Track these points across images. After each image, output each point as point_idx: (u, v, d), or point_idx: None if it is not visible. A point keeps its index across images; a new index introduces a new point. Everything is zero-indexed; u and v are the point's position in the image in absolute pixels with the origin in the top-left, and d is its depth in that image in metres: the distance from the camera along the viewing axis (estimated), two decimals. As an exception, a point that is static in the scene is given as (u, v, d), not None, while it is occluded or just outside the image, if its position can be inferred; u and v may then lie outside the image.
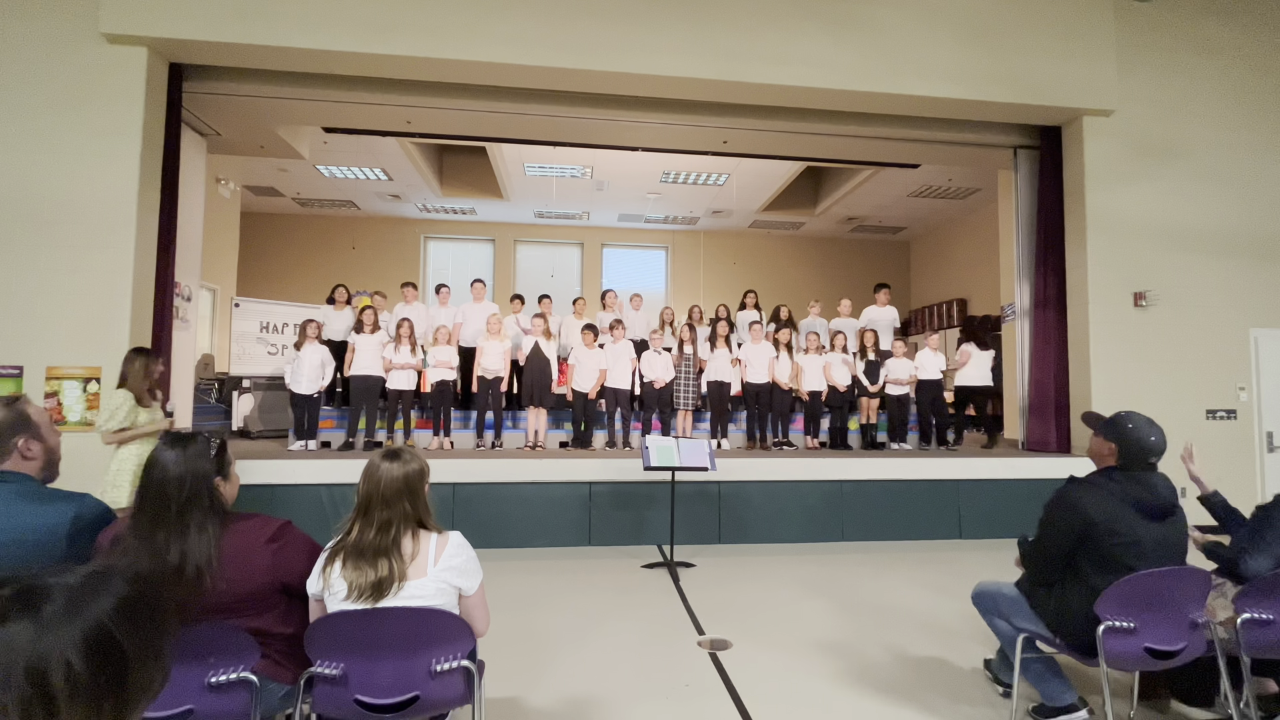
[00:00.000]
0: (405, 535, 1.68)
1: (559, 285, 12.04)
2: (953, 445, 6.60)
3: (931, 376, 6.68)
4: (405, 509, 1.69)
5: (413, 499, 1.71)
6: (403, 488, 1.70)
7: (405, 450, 1.79)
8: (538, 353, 6.31)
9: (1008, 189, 7.39)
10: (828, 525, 5.37)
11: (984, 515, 5.53)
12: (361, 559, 1.63)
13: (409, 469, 1.73)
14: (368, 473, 1.71)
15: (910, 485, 5.52)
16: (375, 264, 11.85)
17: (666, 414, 6.53)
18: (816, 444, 6.72)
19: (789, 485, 5.38)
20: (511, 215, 11.93)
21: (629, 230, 12.74)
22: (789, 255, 13.08)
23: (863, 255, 13.20)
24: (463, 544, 1.75)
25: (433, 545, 1.70)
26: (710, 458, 4.44)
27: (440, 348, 6.31)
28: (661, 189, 10.39)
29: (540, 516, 5.08)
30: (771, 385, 6.63)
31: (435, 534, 1.72)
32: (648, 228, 12.69)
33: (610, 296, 7.53)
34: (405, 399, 6.20)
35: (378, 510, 1.67)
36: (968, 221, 11.51)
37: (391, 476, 1.70)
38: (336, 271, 11.53)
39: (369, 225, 12.04)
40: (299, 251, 11.80)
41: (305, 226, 11.85)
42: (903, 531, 5.42)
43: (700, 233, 12.87)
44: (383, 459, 1.73)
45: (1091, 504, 2.13)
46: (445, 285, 7.30)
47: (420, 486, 1.74)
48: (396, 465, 1.72)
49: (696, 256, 12.89)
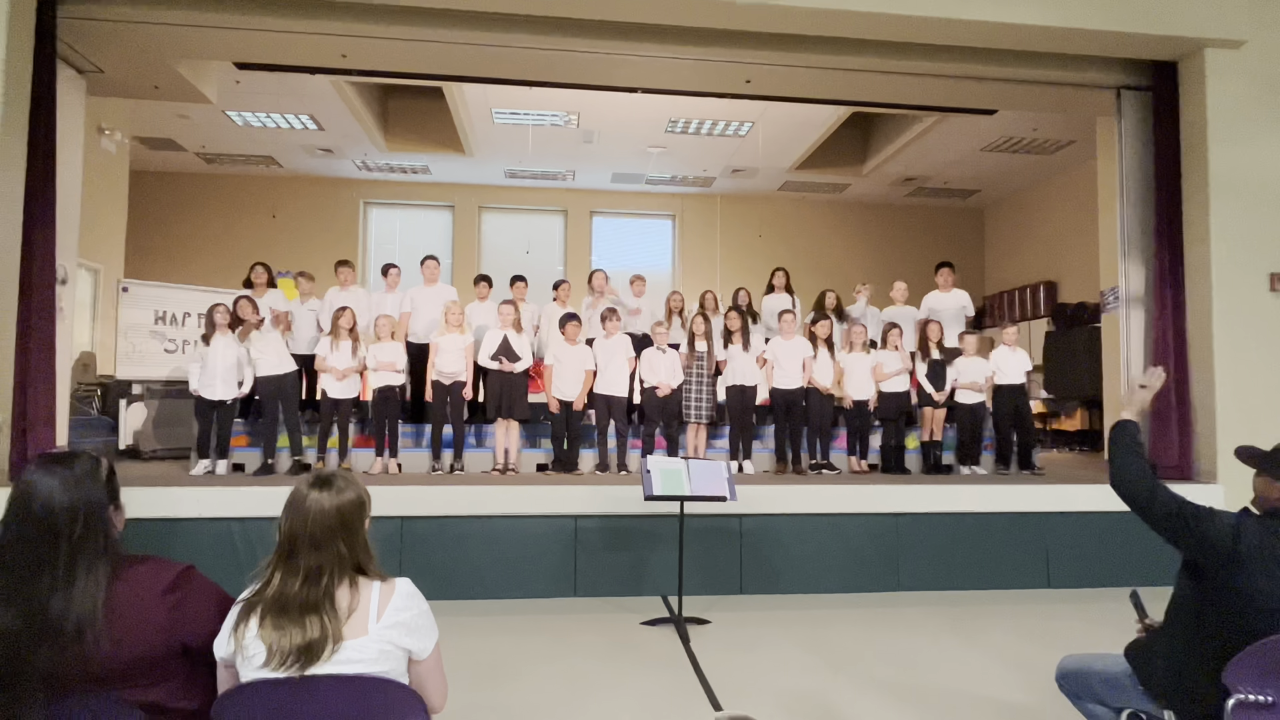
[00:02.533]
0: (340, 585, 1.67)
1: (536, 264, 12.06)
2: (1038, 470, 6.62)
3: (1012, 380, 6.70)
4: (339, 551, 1.68)
5: (349, 538, 1.70)
6: (336, 524, 1.69)
7: (339, 475, 1.78)
8: (508, 350, 6.32)
9: (1109, 142, 7.40)
10: (879, 571, 5.36)
11: (1079, 558, 5.53)
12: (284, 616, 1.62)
13: (343, 499, 1.72)
14: (292, 504, 1.71)
15: (985, 520, 5.51)
16: (302, 237, 11.87)
17: (673, 428, 6.54)
18: (865, 467, 6.73)
19: (830, 520, 5.38)
20: (476, 175, 11.95)
21: (625, 194, 12.76)
22: (829, 226, 13.11)
23: (924, 226, 13.23)
24: (413, 594, 1.74)
25: (375, 596, 1.69)
26: (729, 485, 4.45)
27: (384, 345, 6.31)
28: (667, 141, 10.40)
29: (512, 560, 5.08)
30: (807, 391, 6.64)
31: (378, 582, 1.72)
32: (650, 191, 12.71)
33: (600, 278, 7.55)
34: (342, 409, 6.20)
35: (305, 553, 1.66)
36: (1057, 183, 11.54)
37: (322, 509, 1.69)
38: (253, 247, 11.51)
39: (294, 188, 12.05)
40: (204, 221, 11.81)
41: (213, 189, 11.86)
42: (974, 579, 5.41)
43: (716, 197, 12.89)
44: (310, 487, 1.72)
45: (1254, 547, 2.11)
46: (394, 265, 7.31)
47: (358, 521, 1.74)
48: (328, 495, 1.71)
49: (711, 227, 12.91)
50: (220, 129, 10.01)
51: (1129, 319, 6.78)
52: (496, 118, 9.66)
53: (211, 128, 9.97)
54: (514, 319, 6.43)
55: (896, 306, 7.49)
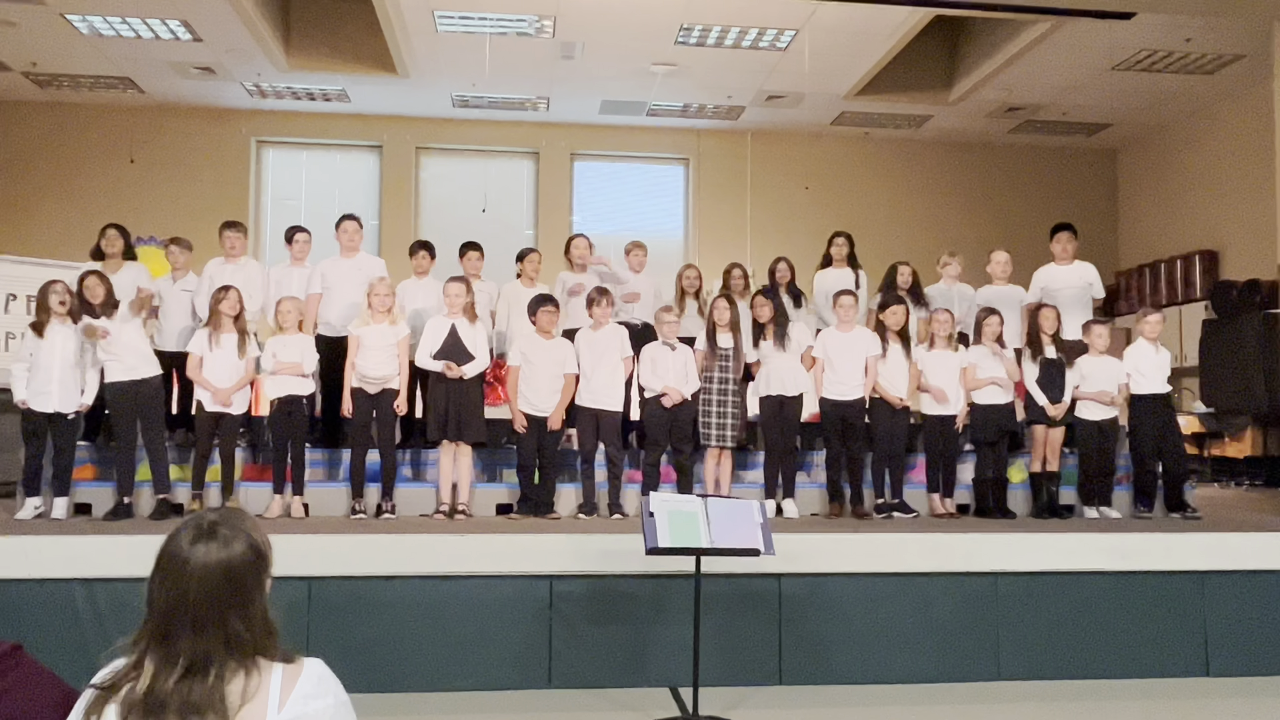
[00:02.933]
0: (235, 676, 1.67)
1: (496, 227, 12.04)
2: (1193, 513, 6.62)
3: (1155, 388, 6.69)
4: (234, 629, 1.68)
5: (243, 606, 1.69)
6: (223, 589, 1.68)
7: (227, 517, 1.78)
8: (457, 346, 6.31)
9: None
10: (971, 653, 5.33)
11: (1252, 636, 5.49)
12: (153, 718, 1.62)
13: (233, 553, 1.71)
14: (166, 566, 1.70)
15: (1119, 582, 5.48)
16: (172, 189, 11.84)
17: (686, 454, 6.54)
18: (951, 509, 6.72)
19: (903, 582, 5.35)
20: (412, 104, 11.93)
21: (620, 130, 12.75)
22: (902, 174, 13.10)
23: (1034, 175, 13.22)
24: (326, 678, 1.74)
25: (276, 682, 1.69)
26: (763, 534, 4.43)
27: (287, 338, 6.31)
28: (678, 56, 10.38)
29: (463, 638, 5.04)
30: (872, 404, 6.63)
31: (280, 665, 1.72)
32: (653, 126, 12.69)
33: (581, 246, 7.55)
34: (226, 428, 6.20)
35: (185, 635, 1.66)
36: (1221, 114, 11.52)
37: (206, 569, 1.69)
38: (104, 203, 11.48)
39: (161, 121, 12.03)
40: (35, 168, 11.77)
41: (47, 124, 11.81)
42: (1103, 664, 5.38)
43: (746, 134, 12.88)
44: (190, 538, 1.72)
45: None
46: (301, 229, 7.30)
47: (255, 582, 1.73)
48: (214, 548, 1.71)
49: (739, 176, 12.91)
50: (58, 39, 9.96)
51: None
52: (441, 23, 9.64)
53: (46, 37, 9.91)
54: (465, 303, 6.42)
55: (996, 286, 7.49)
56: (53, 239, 10.66)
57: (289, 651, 1.74)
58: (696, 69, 10.73)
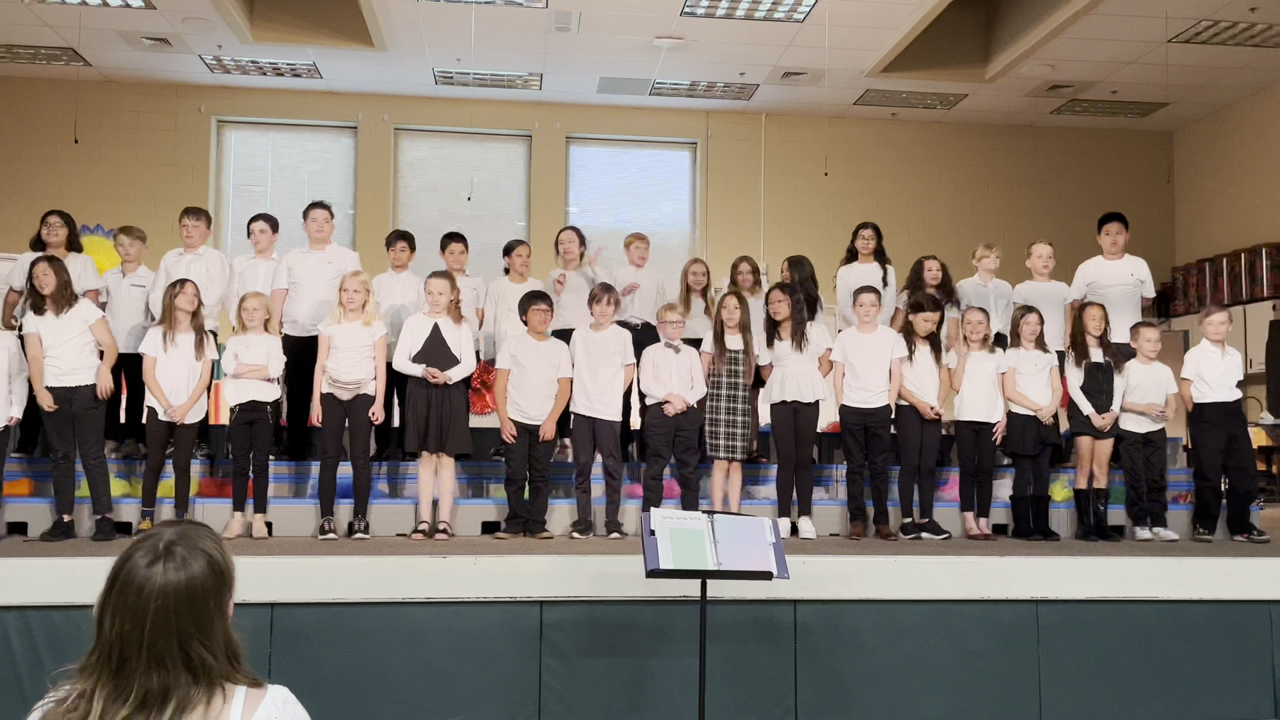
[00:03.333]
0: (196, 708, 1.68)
1: (484, 216, 12.07)
2: (1259, 535, 6.62)
3: (1221, 395, 6.68)
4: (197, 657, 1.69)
5: (204, 633, 1.71)
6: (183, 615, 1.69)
7: (186, 534, 1.78)
8: (440, 348, 6.32)
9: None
10: (1009, 691, 5.33)
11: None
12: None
13: (192, 574, 1.72)
14: (120, 589, 1.70)
15: (1176, 613, 5.49)
16: (122, 172, 11.88)
17: (691, 467, 6.55)
18: (987, 529, 6.73)
19: (933, 610, 5.36)
20: (390, 80, 11.96)
21: (621, 110, 12.78)
22: (933, 159, 13.12)
23: (1080, 159, 13.24)
24: (288, 701, 1.76)
25: (238, 709, 1.71)
26: (777, 555, 4.44)
27: (250, 338, 6.32)
28: (684, 29, 10.41)
29: (443, 671, 5.06)
30: (899, 411, 6.64)
31: (243, 689, 1.73)
32: (657, 106, 12.72)
33: (570, 240, 7.55)
34: (180, 438, 6.21)
35: (140, 668, 1.67)
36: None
37: (164, 594, 1.70)
38: (44, 186, 11.51)
39: (110, 97, 12.07)
40: (-28, 149, 11.79)
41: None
42: (1159, 706, 5.38)
43: (760, 116, 12.91)
44: (147, 560, 1.73)
45: None
46: (264, 216, 7.32)
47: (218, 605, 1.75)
48: (170, 569, 1.71)
49: (752, 161, 12.93)
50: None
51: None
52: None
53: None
54: (450, 301, 6.45)
55: (1036, 282, 7.50)
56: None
57: (255, 676, 1.77)
58: (705, 43, 10.75)
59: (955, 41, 11.12)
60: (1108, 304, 7.04)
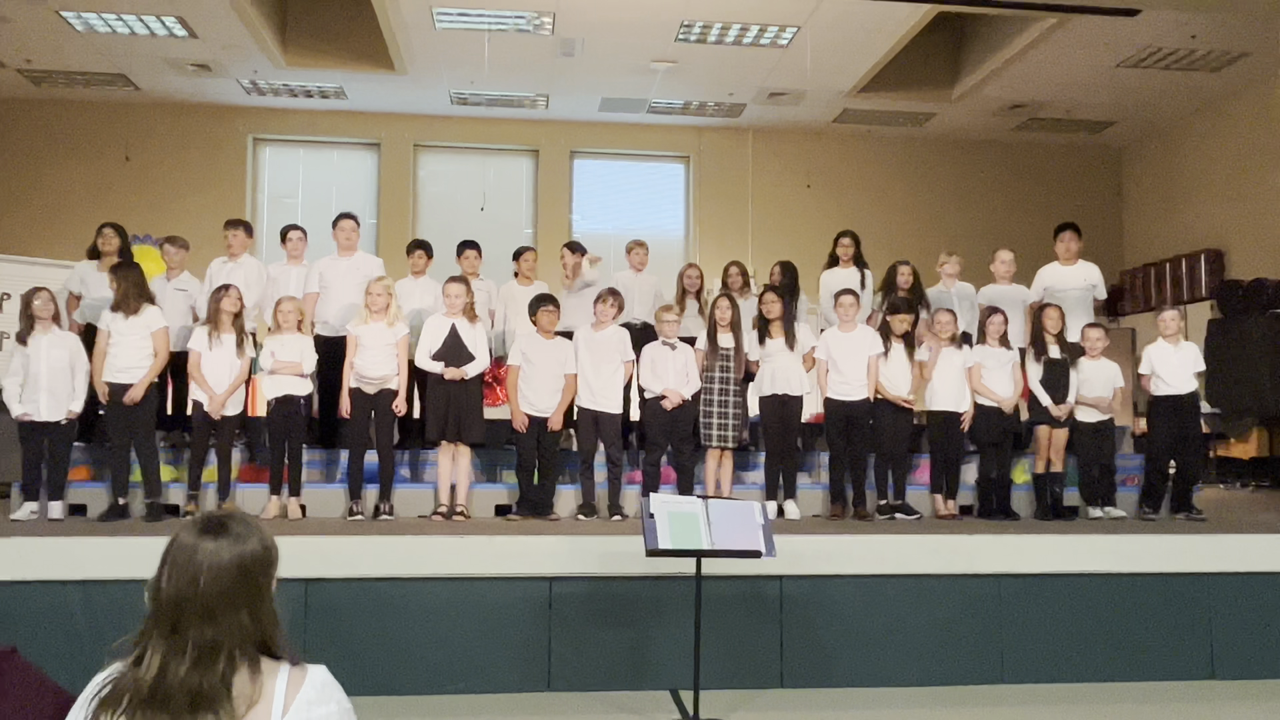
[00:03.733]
0: (241, 668, 1.68)
1: (495, 225, 12.06)
2: (1195, 514, 6.64)
3: (1176, 388, 6.68)
4: (241, 622, 1.69)
5: (254, 603, 1.71)
6: (237, 584, 1.70)
7: (235, 518, 1.78)
8: (457, 346, 6.32)
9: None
10: (974, 656, 5.34)
11: (1257, 639, 5.49)
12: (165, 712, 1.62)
13: (245, 550, 1.73)
14: (176, 558, 1.71)
15: (1124, 585, 5.49)
16: (168, 186, 11.85)
17: (687, 455, 6.55)
18: (955, 510, 6.73)
19: (906, 584, 5.36)
20: (410, 101, 11.93)
21: (620, 128, 12.75)
22: (905, 172, 13.10)
23: (1038, 172, 13.23)
24: (330, 685, 1.75)
25: (281, 686, 1.70)
26: (765, 535, 4.43)
27: (285, 338, 6.32)
28: (678, 54, 10.40)
29: (461, 640, 5.06)
30: (876, 404, 6.64)
31: (286, 667, 1.73)
32: (654, 124, 12.70)
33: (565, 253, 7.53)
34: (223, 428, 6.21)
35: (194, 626, 1.67)
36: (1226, 112, 11.52)
37: (218, 564, 1.70)
38: (98, 199, 11.50)
39: (156, 119, 12.04)
40: (28, 166, 11.78)
41: (41, 121, 11.83)
42: (1108, 667, 5.39)
43: (748, 132, 12.89)
44: (200, 534, 1.73)
45: None
46: (297, 227, 7.32)
47: (265, 580, 1.75)
48: (225, 544, 1.72)
49: (740, 174, 12.91)
50: (52, 35, 9.98)
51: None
52: (439, 20, 9.65)
53: (41, 34, 9.93)
54: (465, 303, 6.44)
55: (1000, 285, 7.49)
56: (48, 237, 10.70)
57: (295, 653, 1.76)
58: (697, 66, 10.73)
59: (925, 65, 11.13)
60: (1064, 305, 7.03)
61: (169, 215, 10.99)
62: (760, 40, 10.02)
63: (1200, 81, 10.95)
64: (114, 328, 6.04)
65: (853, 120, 12.46)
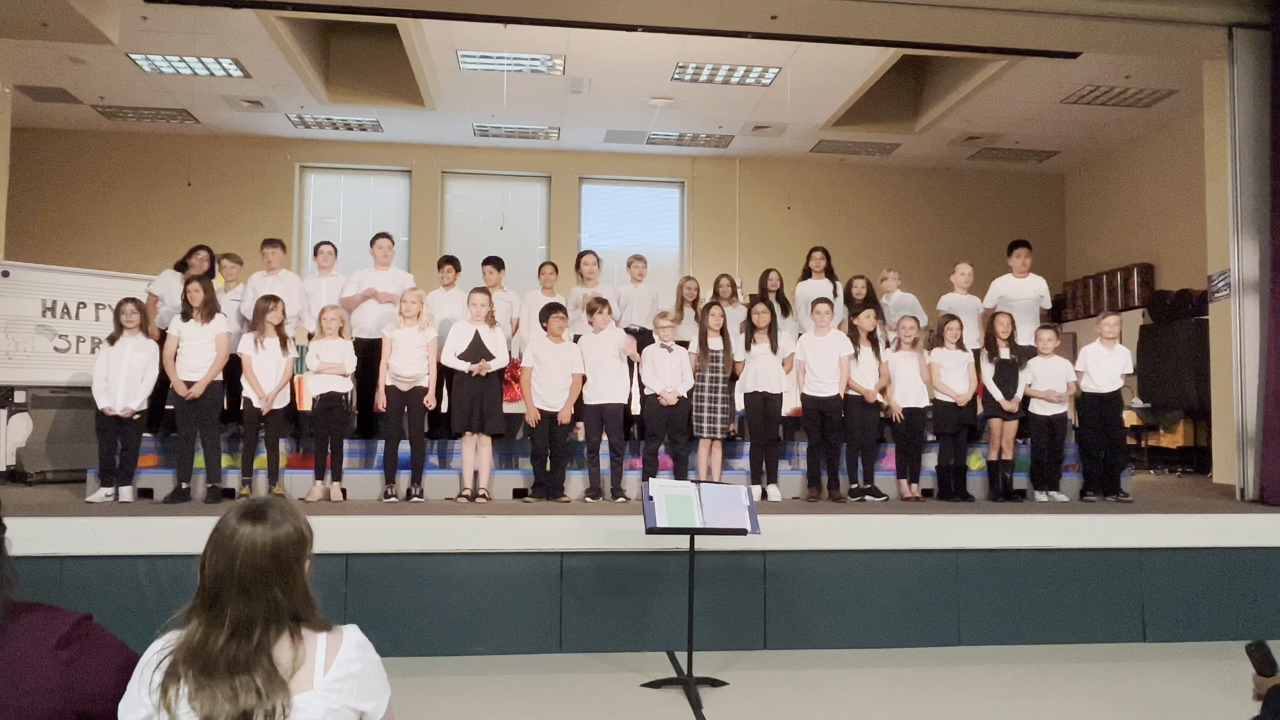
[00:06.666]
0: (278, 640, 1.68)
1: (512, 242, 12.06)
2: (1122, 497, 6.65)
3: (1104, 387, 6.70)
4: (275, 599, 1.69)
5: (285, 582, 1.71)
6: (270, 565, 1.70)
7: (274, 504, 1.78)
8: (479, 348, 6.33)
9: (1218, 92, 7.40)
10: (934, 622, 5.37)
11: (1183, 606, 5.53)
12: (208, 677, 1.62)
13: (279, 534, 1.73)
14: (218, 540, 1.71)
15: (1065, 559, 5.52)
16: (225, 209, 11.88)
17: (681, 445, 6.56)
18: (917, 493, 6.74)
19: (874, 558, 5.39)
20: (438, 133, 11.95)
21: (622, 157, 12.77)
22: (874, 196, 13.12)
23: (991, 196, 13.25)
24: (364, 644, 1.76)
25: (321, 649, 1.71)
26: (750, 515, 4.44)
27: (328, 341, 6.33)
28: (674, 91, 10.41)
29: (482, 608, 5.08)
30: (847, 400, 6.65)
31: (324, 634, 1.73)
32: (652, 153, 12.71)
33: (590, 260, 7.57)
34: (272, 422, 6.22)
35: (232, 600, 1.67)
36: (1155, 143, 11.54)
37: (253, 546, 1.70)
38: (163, 221, 11.52)
39: (214, 149, 12.06)
40: (103, 191, 11.82)
41: (113, 151, 11.87)
42: (1052, 631, 5.42)
43: (735, 161, 12.90)
44: (240, 519, 1.73)
45: None
46: (327, 243, 7.33)
47: (297, 561, 1.75)
48: (261, 529, 1.72)
49: (729, 197, 12.92)
50: (123, 76, 10.01)
51: (1242, 309, 6.79)
52: (463, 62, 9.67)
53: (112, 74, 9.96)
54: (487, 311, 6.44)
55: (957, 294, 7.50)
56: (122, 254, 10.75)
57: (328, 620, 1.76)
58: (691, 102, 10.75)
59: (891, 102, 11.16)
60: (1014, 313, 7.03)
61: (226, 234, 10.97)
62: (746, 80, 10.04)
63: (1134, 116, 10.97)
64: (185, 334, 6.11)
65: (828, 150, 12.47)
